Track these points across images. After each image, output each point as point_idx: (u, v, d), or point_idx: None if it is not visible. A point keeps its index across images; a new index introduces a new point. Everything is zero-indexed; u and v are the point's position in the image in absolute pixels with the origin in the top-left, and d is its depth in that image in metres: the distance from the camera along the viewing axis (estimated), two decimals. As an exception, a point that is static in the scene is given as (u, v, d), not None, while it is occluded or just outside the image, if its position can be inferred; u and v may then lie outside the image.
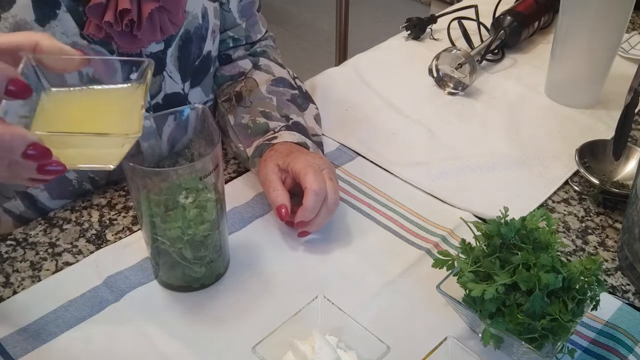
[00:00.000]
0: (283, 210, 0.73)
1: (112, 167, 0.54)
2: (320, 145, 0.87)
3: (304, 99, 0.92)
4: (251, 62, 0.94)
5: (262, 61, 0.94)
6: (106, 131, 0.52)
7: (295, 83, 0.94)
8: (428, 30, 1.23)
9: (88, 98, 0.55)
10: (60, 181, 0.80)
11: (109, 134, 0.52)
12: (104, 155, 0.54)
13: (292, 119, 0.85)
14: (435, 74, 1.07)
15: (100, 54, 0.73)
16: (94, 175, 0.83)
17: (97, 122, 0.53)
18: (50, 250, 0.75)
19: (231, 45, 0.94)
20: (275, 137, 0.81)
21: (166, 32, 0.74)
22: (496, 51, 1.16)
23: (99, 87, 0.56)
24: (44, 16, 0.68)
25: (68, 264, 0.74)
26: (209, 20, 0.85)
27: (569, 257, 0.77)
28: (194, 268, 0.68)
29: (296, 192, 0.76)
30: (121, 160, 0.54)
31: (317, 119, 0.92)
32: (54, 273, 0.72)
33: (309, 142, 0.82)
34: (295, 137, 0.81)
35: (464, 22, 1.19)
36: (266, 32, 0.99)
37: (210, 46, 0.87)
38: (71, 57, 0.53)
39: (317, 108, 0.94)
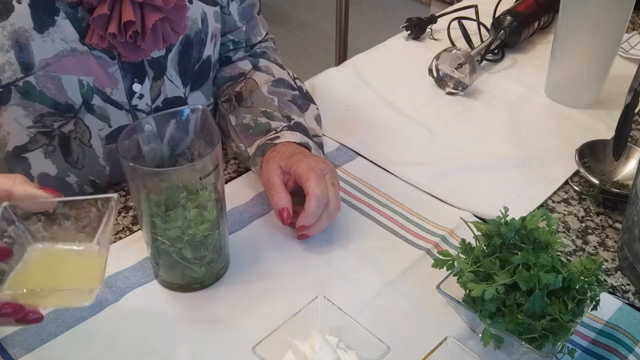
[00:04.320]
0: (285, 213, 0.73)
1: (87, 304, 0.56)
2: (320, 146, 0.87)
3: (305, 100, 0.92)
4: (251, 63, 0.94)
5: (262, 62, 0.94)
6: (74, 285, 0.56)
7: (296, 84, 0.93)
8: (428, 30, 1.23)
9: (54, 257, 0.58)
10: (61, 186, 0.80)
11: (76, 288, 0.55)
12: (76, 299, 0.57)
13: (293, 119, 0.85)
14: (435, 74, 1.07)
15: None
16: (95, 178, 0.83)
17: (65, 276, 0.57)
18: (50, 251, 0.75)
19: (231, 47, 0.94)
20: (278, 137, 0.81)
21: (168, 41, 0.75)
22: (496, 51, 1.16)
23: (66, 247, 0.58)
24: (43, 23, 0.68)
25: (68, 264, 0.74)
26: (209, 24, 0.85)
27: (569, 257, 0.77)
28: (194, 268, 0.68)
29: (297, 193, 0.76)
30: (94, 299, 0.56)
31: (318, 119, 0.92)
32: (54, 273, 0.72)
33: (310, 143, 0.82)
34: (297, 137, 0.81)
35: (464, 22, 1.19)
36: (266, 34, 0.99)
37: (210, 51, 0.87)
38: (45, 200, 0.55)
39: (317, 108, 0.93)
